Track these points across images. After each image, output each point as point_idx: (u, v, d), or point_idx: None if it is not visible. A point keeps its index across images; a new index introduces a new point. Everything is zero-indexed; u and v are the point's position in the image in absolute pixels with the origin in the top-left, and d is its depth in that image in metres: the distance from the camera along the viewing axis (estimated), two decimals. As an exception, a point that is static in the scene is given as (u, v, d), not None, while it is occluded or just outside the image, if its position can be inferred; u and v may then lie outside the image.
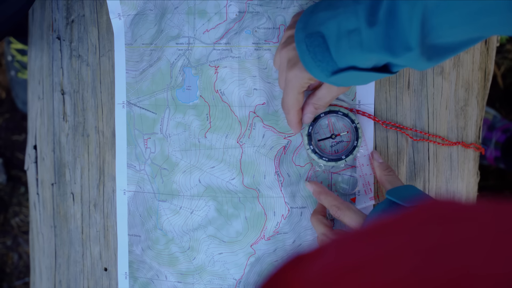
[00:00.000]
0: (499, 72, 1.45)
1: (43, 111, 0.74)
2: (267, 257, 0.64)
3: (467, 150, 0.66)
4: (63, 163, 0.71)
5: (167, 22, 0.63)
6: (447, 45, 0.47)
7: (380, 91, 0.64)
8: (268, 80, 0.62)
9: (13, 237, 1.50)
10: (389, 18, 0.45)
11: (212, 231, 0.64)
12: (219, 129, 0.63)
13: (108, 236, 0.69)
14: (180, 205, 0.65)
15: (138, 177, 0.66)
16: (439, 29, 0.44)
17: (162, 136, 0.65)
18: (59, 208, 0.73)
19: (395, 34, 0.45)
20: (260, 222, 0.64)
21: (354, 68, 0.50)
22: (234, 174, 0.63)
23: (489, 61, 0.67)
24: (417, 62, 0.47)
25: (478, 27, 0.43)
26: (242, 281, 0.64)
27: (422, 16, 0.43)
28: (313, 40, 0.50)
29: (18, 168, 1.51)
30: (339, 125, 0.63)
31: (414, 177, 0.65)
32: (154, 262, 0.66)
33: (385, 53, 0.47)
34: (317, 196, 0.61)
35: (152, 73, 0.64)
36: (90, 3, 0.68)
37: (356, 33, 0.47)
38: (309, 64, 0.51)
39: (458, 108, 0.66)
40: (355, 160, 0.63)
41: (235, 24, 0.62)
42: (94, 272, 0.70)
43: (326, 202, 0.60)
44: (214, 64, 0.63)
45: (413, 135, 0.65)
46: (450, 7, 0.43)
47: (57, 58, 0.71)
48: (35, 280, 0.80)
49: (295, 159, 0.63)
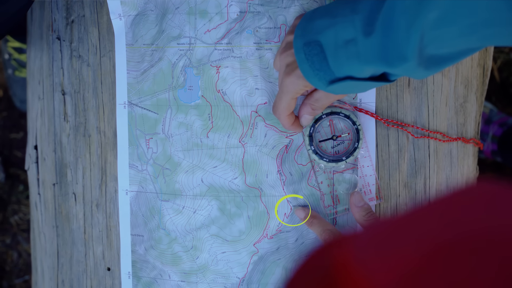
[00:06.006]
0: (495, 66, 1.46)
1: (43, 111, 0.74)
2: (270, 255, 0.64)
3: (466, 146, 0.67)
4: (65, 163, 0.71)
5: (168, 23, 0.63)
6: (446, 55, 0.46)
7: (381, 89, 0.64)
8: (270, 80, 0.63)
9: (12, 235, 1.50)
10: (385, 29, 0.45)
11: (215, 230, 0.65)
12: (221, 129, 0.64)
13: (110, 236, 0.70)
14: (182, 204, 0.65)
15: (140, 177, 0.66)
16: (438, 41, 0.44)
17: (164, 136, 0.65)
18: (61, 208, 0.73)
19: (391, 45, 0.45)
20: (263, 221, 0.64)
21: (351, 78, 0.50)
22: (237, 174, 0.64)
23: (488, 57, 0.68)
24: (414, 71, 0.47)
25: (478, 38, 0.43)
26: (245, 280, 0.65)
27: (421, 29, 0.43)
28: (312, 49, 0.50)
29: (17, 166, 1.51)
30: (340, 126, 0.64)
31: (415, 174, 0.65)
32: (157, 262, 0.67)
33: (382, 64, 0.47)
34: (310, 220, 0.62)
35: (154, 74, 0.64)
36: (90, 3, 0.68)
37: (353, 43, 0.47)
38: (307, 73, 0.51)
39: (457, 104, 0.66)
40: (356, 161, 0.64)
41: (236, 24, 0.62)
42: (97, 271, 0.71)
43: (319, 226, 0.61)
44: (215, 64, 0.63)
45: (413, 132, 0.65)
46: (452, 20, 0.42)
47: (57, 59, 0.71)
48: (37, 280, 0.80)
49: (297, 158, 0.64)
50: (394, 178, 0.65)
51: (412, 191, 0.66)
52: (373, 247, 0.24)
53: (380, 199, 0.64)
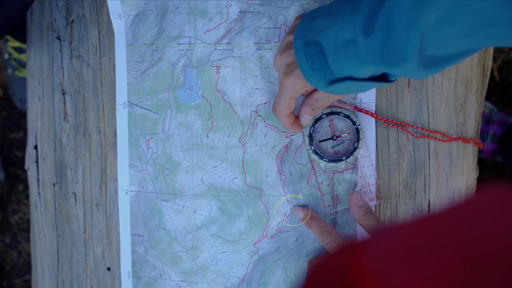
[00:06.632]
0: (495, 65, 1.46)
1: (43, 111, 0.74)
2: (270, 255, 0.64)
3: (466, 146, 0.67)
4: (65, 163, 0.71)
5: (168, 23, 0.63)
6: (446, 56, 0.46)
7: (381, 89, 0.64)
8: (270, 80, 0.63)
9: (12, 235, 1.50)
10: (385, 30, 0.45)
11: (215, 230, 0.65)
12: (221, 129, 0.64)
13: (111, 235, 0.70)
14: (183, 204, 0.65)
15: (140, 177, 0.66)
16: (438, 41, 0.44)
17: (164, 136, 0.65)
18: (61, 208, 0.73)
19: (390, 46, 0.45)
20: (263, 220, 0.64)
21: (351, 78, 0.50)
22: (237, 174, 0.64)
23: (487, 56, 0.68)
24: (414, 72, 0.47)
25: (479, 39, 0.43)
26: (245, 280, 0.65)
27: (421, 29, 0.43)
28: (311, 49, 0.50)
29: (16, 166, 1.51)
30: (340, 126, 0.64)
31: (415, 174, 0.65)
32: (157, 261, 0.67)
33: (381, 64, 0.47)
34: (309, 221, 0.62)
35: (154, 73, 0.64)
36: (90, 3, 0.68)
37: (352, 43, 0.47)
38: (307, 73, 0.51)
39: (457, 104, 0.66)
40: (356, 161, 0.64)
41: (236, 24, 0.62)
42: (97, 271, 0.71)
43: (318, 227, 0.61)
44: (215, 64, 0.63)
45: (413, 132, 0.65)
46: (452, 21, 0.42)
47: (57, 58, 0.71)
48: (37, 280, 0.80)
49: (297, 158, 0.64)
50: (394, 178, 0.65)
51: (412, 191, 0.66)
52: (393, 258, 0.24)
53: (380, 199, 0.64)
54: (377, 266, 0.23)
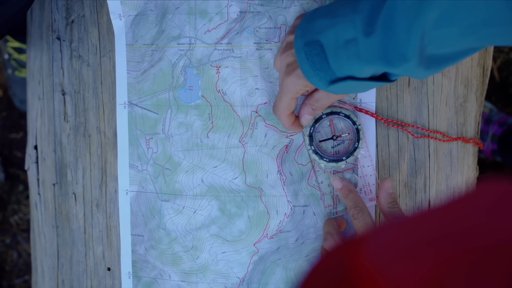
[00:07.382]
0: (495, 65, 1.46)
1: (43, 111, 0.74)
2: (270, 255, 0.64)
3: (466, 146, 0.67)
4: (65, 163, 0.71)
5: (168, 23, 0.63)
6: (446, 55, 0.46)
7: (381, 89, 0.64)
8: (270, 80, 0.63)
9: (12, 235, 1.50)
10: (385, 29, 0.45)
11: (215, 230, 0.65)
12: (221, 129, 0.64)
13: (111, 236, 0.70)
14: (183, 204, 0.65)
15: (141, 177, 0.66)
16: (439, 41, 0.44)
17: (164, 136, 0.65)
18: (61, 208, 0.73)
19: (391, 45, 0.45)
20: (263, 220, 0.64)
21: (352, 78, 0.50)
22: (237, 174, 0.64)
23: (487, 56, 0.68)
24: (415, 71, 0.47)
25: (479, 38, 0.43)
26: (245, 280, 0.65)
27: (422, 29, 0.43)
28: (312, 49, 0.50)
29: (16, 166, 1.51)
30: (340, 126, 0.64)
31: (415, 174, 0.65)
32: (157, 262, 0.67)
33: (382, 64, 0.47)
34: (346, 193, 0.60)
35: (154, 74, 0.64)
36: (90, 3, 0.68)
37: (353, 43, 0.47)
38: (308, 73, 0.51)
39: (457, 104, 0.66)
40: (356, 161, 0.64)
41: (236, 24, 0.62)
42: (97, 271, 0.71)
43: (352, 200, 0.59)
44: (215, 64, 0.63)
45: (413, 132, 0.65)
46: (452, 21, 0.42)
47: (57, 59, 0.71)
48: (37, 280, 0.80)
49: (297, 158, 0.64)
50: (394, 178, 0.65)
51: (412, 191, 0.66)
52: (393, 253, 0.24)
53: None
54: (377, 260, 0.23)
